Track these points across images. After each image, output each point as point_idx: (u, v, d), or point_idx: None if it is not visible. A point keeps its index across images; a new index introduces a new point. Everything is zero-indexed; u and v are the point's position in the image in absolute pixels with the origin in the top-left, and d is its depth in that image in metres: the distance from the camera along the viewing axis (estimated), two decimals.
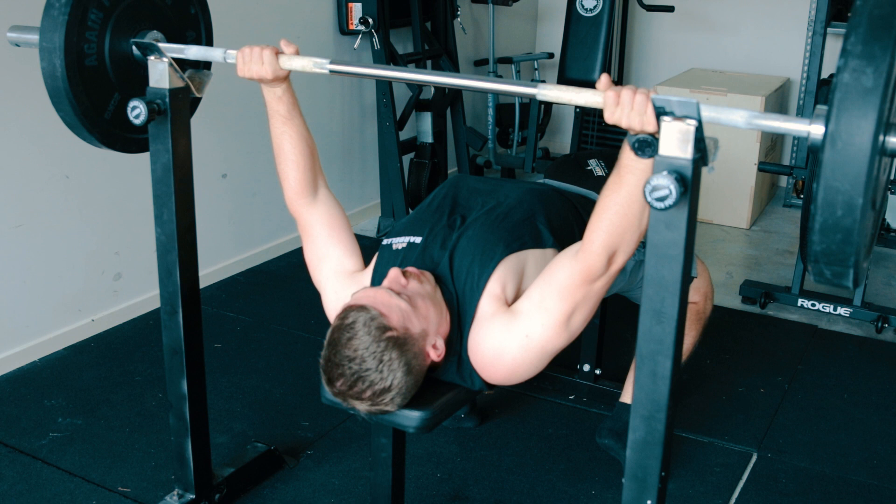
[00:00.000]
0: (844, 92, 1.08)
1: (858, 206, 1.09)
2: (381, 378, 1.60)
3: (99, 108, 1.84)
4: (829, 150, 1.09)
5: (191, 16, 1.99)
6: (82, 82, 1.79)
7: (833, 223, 1.11)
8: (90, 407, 2.63)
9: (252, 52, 1.75)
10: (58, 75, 1.75)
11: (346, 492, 2.27)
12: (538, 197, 1.98)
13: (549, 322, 1.65)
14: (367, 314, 1.61)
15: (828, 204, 1.11)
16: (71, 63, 1.75)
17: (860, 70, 1.07)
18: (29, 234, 2.82)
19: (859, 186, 1.09)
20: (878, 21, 1.09)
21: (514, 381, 1.77)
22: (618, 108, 1.38)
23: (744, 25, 4.92)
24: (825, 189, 1.10)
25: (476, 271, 1.75)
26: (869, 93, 1.07)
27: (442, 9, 4.27)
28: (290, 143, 1.88)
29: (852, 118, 1.08)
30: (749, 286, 3.42)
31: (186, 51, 1.83)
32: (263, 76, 1.76)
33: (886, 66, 1.07)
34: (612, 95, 1.39)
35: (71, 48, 1.75)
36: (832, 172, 1.10)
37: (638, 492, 1.46)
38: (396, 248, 1.87)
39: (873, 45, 1.07)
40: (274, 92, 1.83)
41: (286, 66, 1.75)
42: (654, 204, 1.27)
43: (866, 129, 1.07)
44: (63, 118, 1.83)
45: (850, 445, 2.50)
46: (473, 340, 1.73)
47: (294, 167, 1.89)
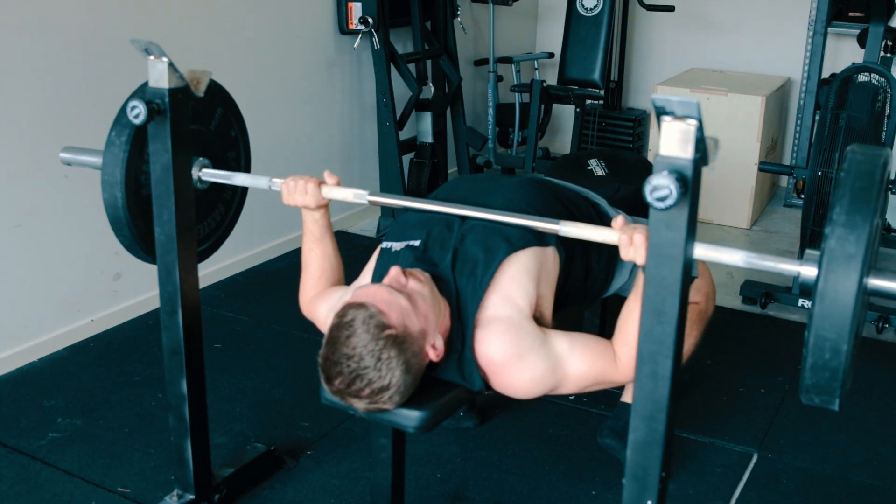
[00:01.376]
0: (831, 257, 1.24)
1: (844, 352, 1.26)
2: (380, 376, 1.59)
3: (153, 231, 1.97)
4: (819, 305, 1.26)
5: (231, 138, 2.15)
6: (139, 211, 1.95)
7: (822, 364, 1.28)
8: (90, 407, 2.63)
9: (297, 185, 1.89)
10: (119, 206, 1.92)
11: (345, 492, 2.27)
12: (537, 196, 1.98)
13: (573, 379, 1.77)
14: (366, 312, 1.60)
15: (817, 349, 1.27)
16: (130, 195, 1.92)
17: (844, 238, 1.24)
18: (28, 234, 2.82)
19: (844, 335, 1.25)
20: (858, 194, 1.25)
21: (512, 393, 1.78)
22: (631, 248, 1.55)
23: (744, 25, 4.91)
24: (815, 337, 1.27)
25: (479, 272, 1.75)
26: (851, 258, 1.23)
27: (442, 8, 4.26)
28: (317, 262, 2.01)
29: (838, 280, 1.24)
30: (750, 286, 3.42)
31: (233, 178, 1.97)
32: (307, 205, 1.91)
33: (866, 234, 1.23)
34: (626, 239, 1.55)
35: (130, 182, 1.91)
36: (821, 323, 1.26)
37: (638, 492, 1.46)
38: (395, 250, 1.87)
39: (855, 215, 1.23)
40: (312, 216, 1.96)
41: (328, 195, 1.90)
42: (655, 204, 1.27)
43: (850, 289, 1.24)
44: (122, 242, 2.02)
45: (850, 446, 2.50)
46: (488, 340, 1.73)
47: (313, 282, 2.02)
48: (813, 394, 1.32)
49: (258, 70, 3.55)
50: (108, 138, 1.91)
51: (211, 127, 2.08)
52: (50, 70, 2.78)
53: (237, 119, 2.17)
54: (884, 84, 3.03)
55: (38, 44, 2.74)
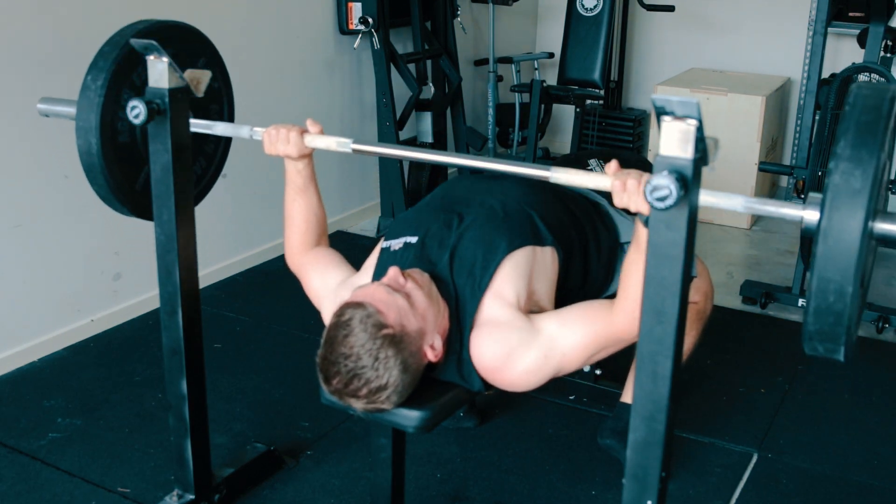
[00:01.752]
0: (835, 193, 1.19)
1: (849, 294, 1.20)
2: (377, 376, 1.60)
3: (130, 181, 1.95)
4: (822, 244, 1.20)
5: (214, 90, 2.08)
6: (115, 159, 1.89)
7: (826, 308, 1.23)
8: (90, 407, 2.63)
9: (279, 133, 1.84)
10: (93, 153, 1.85)
11: (345, 492, 2.27)
12: (535, 195, 1.99)
13: (572, 354, 1.72)
14: (364, 311, 1.61)
15: (821, 291, 1.22)
16: (105, 141, 1.86)
17: (849, 172, 1.18)
18: (28, 234, 2.82)
19: (849, 276, 1.20)
20: (864, 127, 1.19)
21: (514, 389, 1.78)
22: (624, 194, 1.47)
23: (744, 25, 4.91)
24: (818, 279, 1.22)
25: (478, 272, 1.75)
26: (857, 194, 1.17)
27: (442, 8, 4.26)
28: (300, 213, 1.99)
29: (843, 217, 1.18)
30: (750, 286, 3.42)
31: (214, 127, 1.92)
32: (289, 154, 1.86)
33: (873, 168, 1.17)
34: (619, 184, 1.47)
35: (106, 128, 1.85)
36: (825, 264, 1.21)
37: (638, 492, 1.46)
38: (394, 249, 1.87)
39: (861, 149, 1.18)
40: (295, 165, 1.92)
41: (311, 144, 1.85)
42: (655, 204, 1.27)
43: (855, 227, 1.18)
44: (97, 191, 1.94)
45: (850, 446, 2.49)
46: (480, 342, 1.73)
47: (297, 233, 2.01)
48: (816, 341, 1.26)
49: (258, 70, 3.55)
50: (84, 83, 1.84)
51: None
52: (50, 69, 2.78)
53: (221, 71, 2.10)
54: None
55: (37, 43, 2.74)
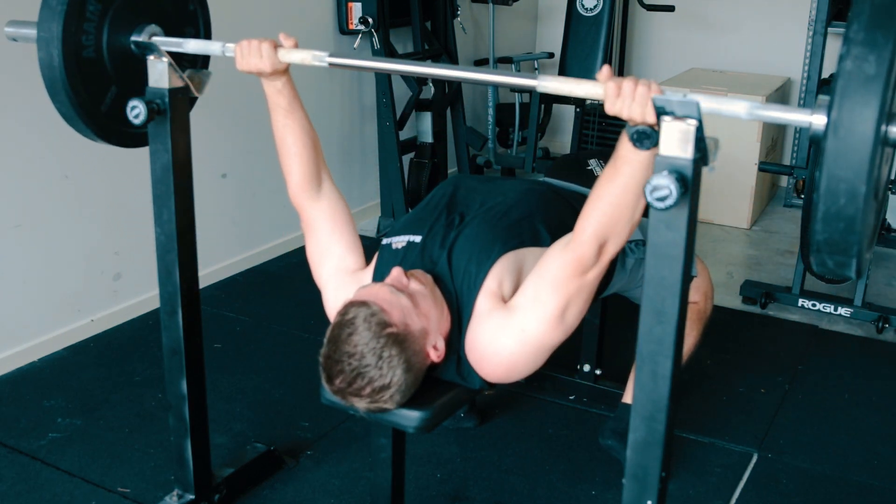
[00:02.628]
0: (847, 80, 1.08)
1: (861, 195, 1.08)
2: (381, 375, 1.60)
3: (96, 101, 1.82)
4: (832, 138, 1.09)
5: (189, 12, 1.98)
6: (79, 74, 1.77)
7: (836, 212, 1.11)
8: (90, 407, 2.63)
9: (251, 46, 1.74)
10: (55, 66, 1.73)
11: (345, 492, 2.27)
12: (536, 196, 1.98)
13: (544, 316, 1.65)
14: (368, 310, 1.61)
15: (830, 192, 1.10)
16: (69, 54, 1.73)
17: (863, 58, 1.07)
18: (28, 234, 2.82)
19: (862, 174, 1.08)
20: (880, 9, 1.09)
21: (512, 377, 1.76)
22: (619, 100, 1.36)
23: (744, 25, 4.92)
24: (828, 178, 1.10)
25: (473, 270, 1.75)
26: (871, 80, 1.06)
27: (442, 8, 4.27)
28: (293, 136, 1.87)
29: (855, 106, 1.07)
30: (750, 286, 3.42)
31: (185, 44, 1.81)
32: (262, 69, 1.76)
33: (889, 53, 1.06)
34: (613, 87, 1.37)
35: (69, 39, 1.73)
36: (835, 161, 1.09)
37: (638, 492, 1.46)
38: (396, 247, 1.87)
39: (875, 32, 1.07)
40: (274, 85, 1.82)
41: (285, 58, 1.75)
42: (655, 204, 1.27)
43: (869, 117, 1.07)
44: (59, 109, 1.81)
45: (850, 446, 2.49)
46: (470, 338, 1.73)
47: (297, 160, 1.88)
48: (825, 253, 1.15)
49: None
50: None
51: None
52: None
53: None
54: None
55: None
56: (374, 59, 1.69)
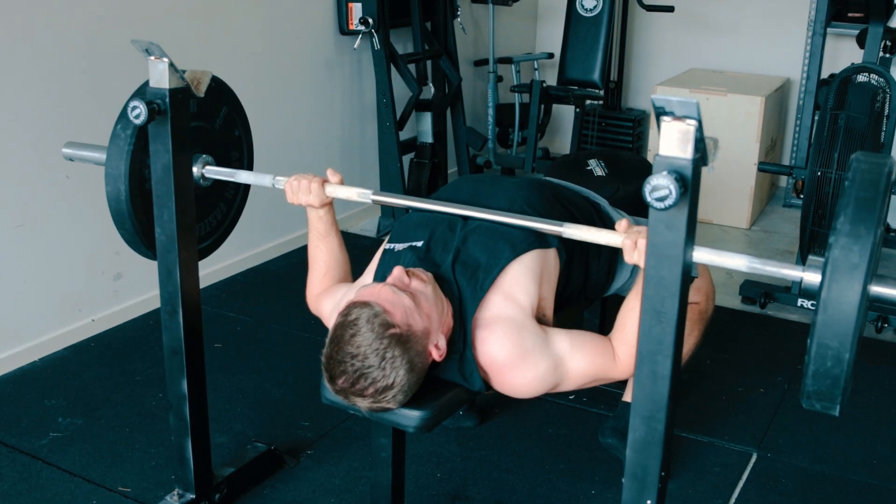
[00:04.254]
0: (834, 267, 1.24)
1: (846, 360, 1.26)
2: (384, 375, 1.60)
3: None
4: (822, 314, 1.26)
5: (235, 137, 2.15)
6: (142, 204, 1.95)
7: (824, 372, 1.29)
8: (90, 407, 2.64)
9: (300, 184, 1.90)
10: (122, 199, 1.92)
11: (346, 491, 2.28)
12: (538, 197, 1.99)
13: (573, 377, 1.78)
14: (371, 310, 1.61)
15: (819, 357, 1.28)
16: (133, 188, 1.92)
17: (848, 248, 1.24)
18: (29, 234, 2.83)
19: (847, 344, 1.25)
20: (862, 204, 1.25)
21: (514, 392, 1.79)
22: (635, 252, 1.55)
23: (743, 25, 4.92)
24: (817, 345, 1.27)
25: (481, 274, 1.76)
26: (855, 268, 1.23)
27: (442, 9, 4.27)
28: (322, 258, 2.02)
29: (841, 290, 1.24)
30: (749, 286, 3.43)
31: (237, 175, 1.98)
32: (311, 204, 1.91)
33: (870, 244, 1.23)
34: (629, 243, 1.56)
35: (134, 175, 1.92)
36: (824, 332, 1.26)
37: (638, 491, 1.47)
38: (398, 251, 1.88)
39: (859, 225, 1.23)
40: (317, 213, 1.97)
41: (331, 194, 1.91)
42: (654, 204, 1.27)
43: (853, 299, 1.24)
44: (123, 236, 2.01)
45: (849, 445, 2.50)
46: (489, 341, 1.73)
47: (319, 279, 2.03)
48: (814, 399, 1.33)
49: (259, 70, 3.55)
50: (114, 131, 1.92)
51: (216, 125, 2.09)
52: (52, 69, 2.79)
53: (241, 119, 2.18)
54: (883, 84, 3.04)
55: (40, 43, 2.74)
56: (415, 199, 1.83)
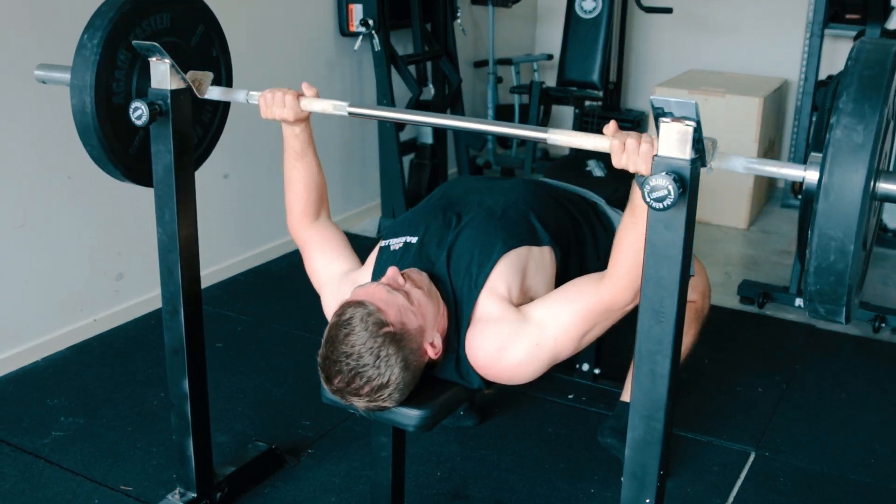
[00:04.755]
0: (836, 148, 1.16)
1: (850, 252, 1.18)
2: (379, 374, 1.61)
3: (124, 144, 1.92)
4: (823, 201, 1.18)
5: (213, 58, 2.08)
6: (110, 119, 1.87)
7: (826, 267, 1.21)
8: (92, 406, 2.64)
9: (274, 97, 1.84)
10: (87, 112, 1.83)
11: (346, 491, 2.29)
12: (533, 195, 2.00)
13: (564, 337, 1.71)
14: (365, 310, 1.62)
15: (822, 249, 1.20)
16: (100, 101, 1.83)
17: (851, 128, 1.15)
18: (31, 234, 2.83)
19: (851, 234, 1.17)
20: (867, 81, 1.17)
21: (514, 382, 1.79)
22: (623, 155, 1.44)
23: (742, 27, 4.93)
24: (819, 236, 1.19)
25: (474, 271, 1.77)
26: (859, 149, 1.15)
27: (442, 10, 4.28)
28: (299, 177, 1.98)
29: (844, 173, 1.16)
30: (747, 286, 3.44)
31: (210, 92, 1.91)
32: (286, 118, 1.86)
33: (875, 123, 1.14)
34: (618, 144, 1.44)
35: (101, 87, 1.83)
36: (825, 221, 1.18)
37: (637, 490, 1.48)
38: (394, 248, 1.89)
39: (863, 104, 1.15)
40: (293, 130, 1.92)
41: (307, 108, 1.85)
42: (653, 204, 1.28)
43: (857, 183, 1.16)
44: (90, 152, 1.91)
45: (847, 445, 2.51)
46: (473, 339, 1.74)
47: (297, 199, 1.99)
48: (817, 302, 1.25)
49: (259, 71, 3.56)
50: (80, 41, 1.83)
51: (190, 43, 1.99)
52: None
53: (220, 39, 2.08)
54: None
55: (41, 43, 2.75)
56: (394, 110, 1.82)
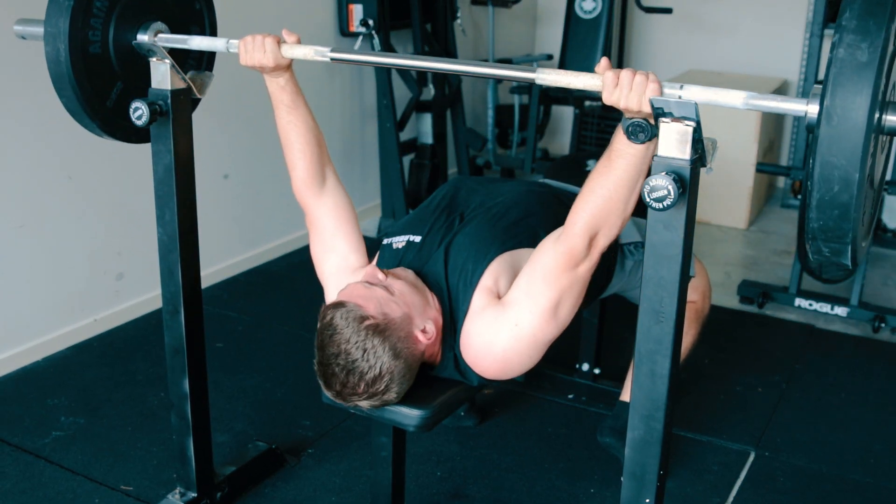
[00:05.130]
0: (840, 67, 1.08)
1: (855, 182, 1.08)
2: (370, 367, 1.62)
3: (101, 96, 1.84)
4: (825, 125, 1.09)
5: (195, 11, 2.00)
6: (85, 69, 1.78)
7: (830, 199, 1.11)
8: (92, 406, 2.65)
9: (254, 41, 1.77)
10: (61, 60, 1.75)
11: (346, 490, 2.29)
12: (535, 197, 2.00)
13: (537, 309, 1.66)
14: (344, 308, 1.64)
15: (824, 180, 1.10)
16: (75, 49, 1.75)
17: (855, 45, 1.07)
18: (32, 234, 2.84)
19: (856, 161, 1.08)
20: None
21: (508, 374, 1.77)
22: (616, 89, 1.38)
23: (742, 27, 4.93)
24: (822, 165, 1.10)
25: (470, 268, 1.77)
26: (864, 67, 1.06)
27: (442, 11, 4.28)
28: (296, 132, 1.89)
29: (847, 93, 1.07)
30: (747, 286, 3.44)
31: (189, 41, 1.84)
32: (265, 64, 1.77)
33: (881, 40, 1.06)
34: (612, 76, 1.38)
35: (76, 34, 1.75)
36: (828, 148, 1.09)
37: (637, 490, 1.48)
38: (396, 246, 1.89)
39: (868, 20, 1.07)
40: (277, 82, 1.84)
41: (288, 54, 1.77)
42: (653, 204, 1.28)
43: (861, 104, 1.07)
44: (65, 104, 1.82)
45: (847, 444, 2.51)
46: (465, 335, 1.75)
47: (301, 156, 1.90)
48: (820, 240, 1.15)
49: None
50: None
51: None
52: None
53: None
54: None
55: None
56: (375, 54, 1.73)
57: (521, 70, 1.52)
